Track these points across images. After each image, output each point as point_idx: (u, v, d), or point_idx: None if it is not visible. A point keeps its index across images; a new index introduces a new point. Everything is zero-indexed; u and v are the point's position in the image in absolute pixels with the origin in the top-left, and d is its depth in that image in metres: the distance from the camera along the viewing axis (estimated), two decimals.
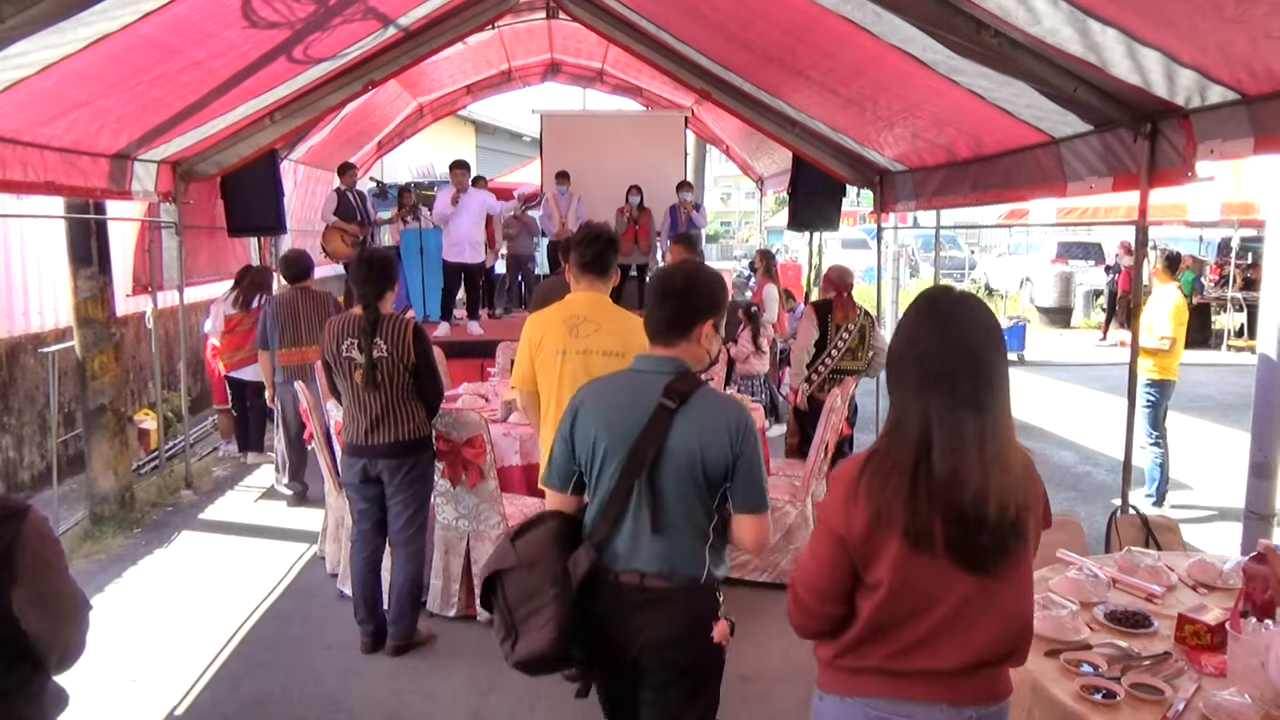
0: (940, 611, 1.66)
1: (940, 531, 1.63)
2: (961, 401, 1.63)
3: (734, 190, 40.82)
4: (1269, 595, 2.12)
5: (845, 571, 1.72)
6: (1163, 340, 5.82)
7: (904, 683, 1.71)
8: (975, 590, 1.66)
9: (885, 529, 1.65)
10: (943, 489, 1.62)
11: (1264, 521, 4.36)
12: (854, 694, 1.75)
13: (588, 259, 3.54)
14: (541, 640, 2.13)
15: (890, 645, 1.70)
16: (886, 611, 1.69)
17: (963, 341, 1.66)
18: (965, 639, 1.67)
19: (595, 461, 2.19)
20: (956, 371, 1.64)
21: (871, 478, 1.68)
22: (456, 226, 8.36)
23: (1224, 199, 10.41)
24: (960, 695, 1.70)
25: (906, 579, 1.66)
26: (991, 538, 1.63)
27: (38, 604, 1.60)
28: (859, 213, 18.94)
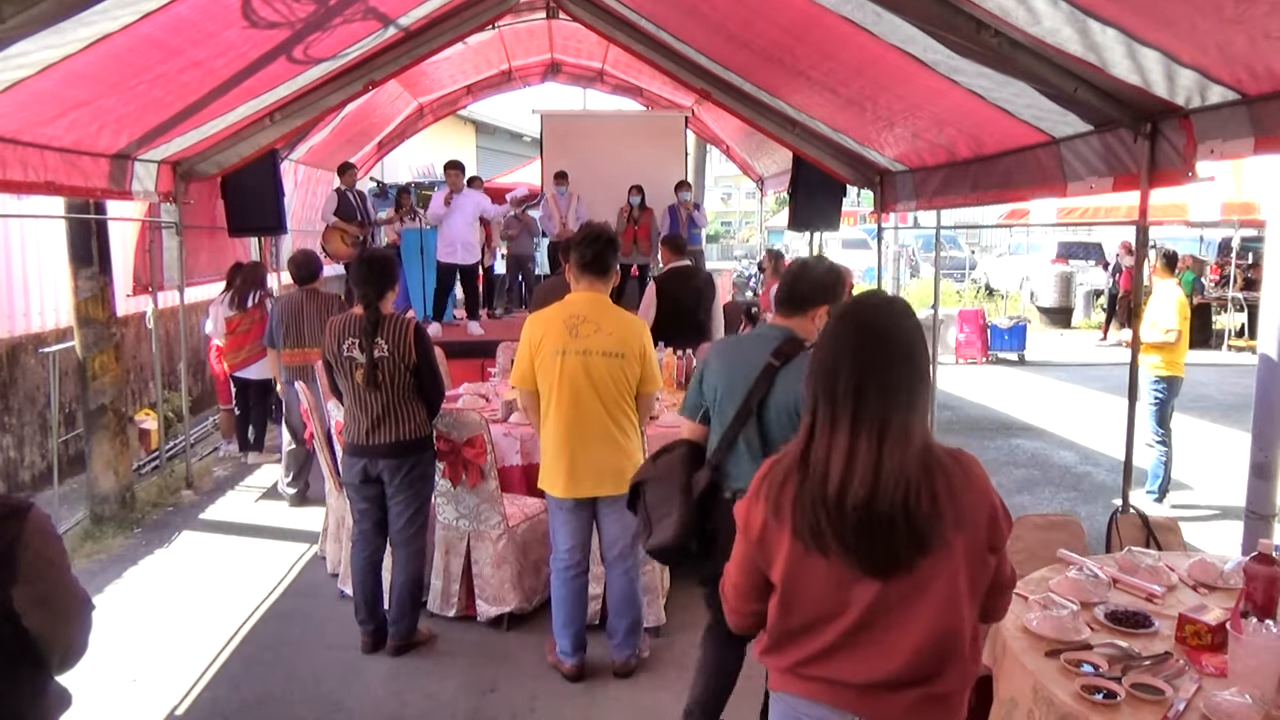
0: (843, 621, 1.64)
1: (830, 532, 1.62)
2: (844, 399, 1.63)
3: (734, 190, 40.84)
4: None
5: (753, 569, 1.75)
6: (1168, 333, 5.83)
7: (818, 686, 1.70)
8: (881, 600, 1.62)
9: (778, 526, 1.68)
10: (815, 481, 1.63)
11: (1264, 521, 4.36)
12: (778, 690, 1.78)
13: (588, 259, 3.55)
14: (668, 535, 2.77)
15: (797, 651, 1.71)
16: (786, 615, 1.70)
17: (853, 342, 1.67)
18: (876, 654, 1.63)
19: (717, 401, 2.81)
20: (838, 371, 1.65)
21: (770, 476, 1.72)
22: (450, 227, 8.35)
23: (1224, 199, 10.41)
24: (877, 711, 1.65)
25: (800, 580, 1.67)
26: (873, 534, 1.59)
27: (40, 602, 1.60)
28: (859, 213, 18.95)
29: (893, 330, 1.69)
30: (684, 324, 6.31)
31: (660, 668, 3.92)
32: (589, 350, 3.47)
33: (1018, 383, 11.34)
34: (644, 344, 3.55)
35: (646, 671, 3.88)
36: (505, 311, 10.65)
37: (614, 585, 3.78)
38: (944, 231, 8.09)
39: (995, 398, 10.27)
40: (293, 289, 6.08)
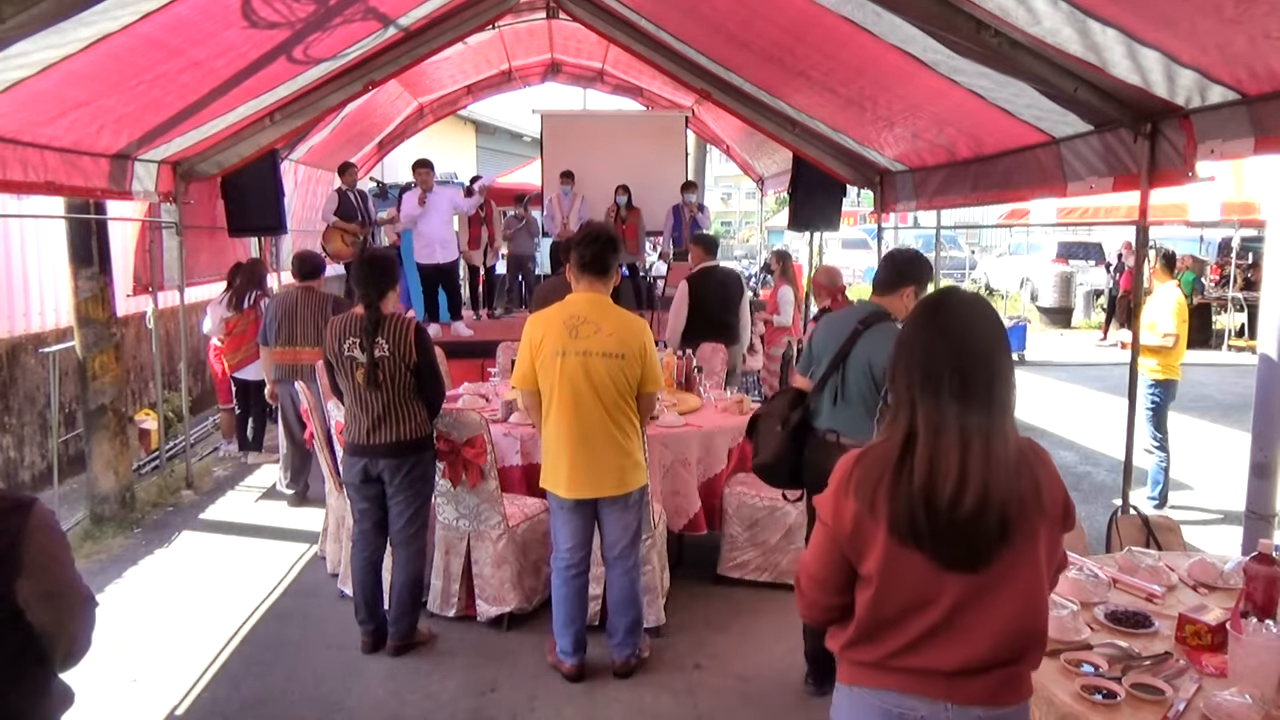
0: (934, 612, 1.67)
1: (930, 532, 1.64)
2: (948, 400, 1.66)
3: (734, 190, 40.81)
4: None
5: (838, 562, 1.75)
6: (1166, 337, 5.81)
7: (907, 678, 1.71)
8: (969, 591, 1.66)
9: (872, 522, 1.68)
10: (921, 484, 1.64)
11: (1264, 521, 4.35)
12: (863, 684, 1.77)
13: (587, 259, 3.55)
14: (765, 456, 3.57)
15: (888, 643, 1.71)
16: (879, 608, 1.70)
17: (951, 343, 1.70)
18: (963, 640, 1.67)
19: (818, 359, 3.50)
20: (942, 372, 1.67)
21: (863, 471, 1.71)
22: (427, 226, 8.28)
23: (1224, 199, 10.40)
24: (964, 695, 1.69)
25: (895, 574, 1.67)
26: (971, 538, 1.63)
27: (43, 597, 1.60)
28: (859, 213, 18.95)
29: (984, 325, 1.73)
30: (712, 324, 6.34)
31: (660, 668, 3.92)
32: (589, 351, 3.47)
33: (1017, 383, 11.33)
34: (644, 344, 3.55)
35: (646, 671, 3.88)
36: (505, 311, 10.64)
37: (614, 585, 3.78)
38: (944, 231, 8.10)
39: None
40: (293, 286, 6.08)
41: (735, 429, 4.85)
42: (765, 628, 4.33)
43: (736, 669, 3.96)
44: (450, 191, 8.88)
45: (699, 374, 5.67)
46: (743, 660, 4.02)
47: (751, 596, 4.64)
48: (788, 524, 4.65)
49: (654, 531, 4.19)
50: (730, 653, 4.09)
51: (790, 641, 4.19)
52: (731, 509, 4.70)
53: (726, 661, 4.01)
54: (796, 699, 3.71)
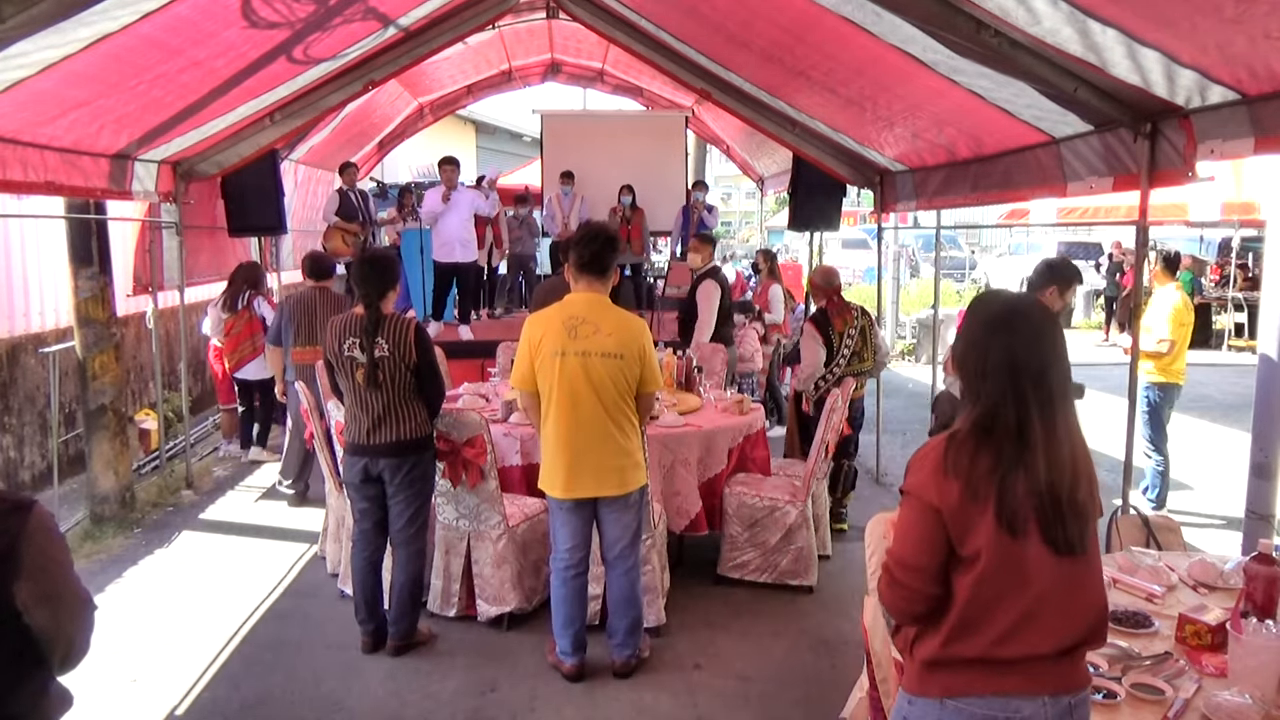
0: (1033, 590, 1.72)
1: (1033, 517, 1.72)
2: (1051, 396, 1.77)
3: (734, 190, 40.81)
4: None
5: (941, 544, 1.77)
6: (1160, 343, 5.78)
7: (1008, 675, 1.73)
8: (1060, 569, 1.73)
9: (977, 504, 1.73)
10: (1046, 477, 1.72)
11: (1264, 521, 4.36)
12: (955, 694, 1.76)
13: (585, 259, 3.54)
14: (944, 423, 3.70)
15: (992, 629, 1.73)
16: (986, 586, 1.73)
17: (1048, 341, 1.82)
18: (1059, 619, 1.73)
19: None
20: (1046, 369, 1.78)
21: (958, 456, 1.76)
22: (446, 225, 8.20)
23: (1224, 199, 10.39)
24: (1057, 683, 1.75)
25: (1000, 556, 1.72)
26: (1080, 523, 1.74)
27: (42, 599, 1.60)
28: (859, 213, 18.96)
29: (1054, 327, 1.86)
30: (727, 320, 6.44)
31: (660, 668, 3.92)
32: (588, 351, 3.47)
33: None
34: (644, 344, 3.55)
35: (646, 671, 3.88)
36: (505, 311, 10.63)
37: (614, 585, 3.78)
38: (944, 231, 8.09)
39: None
40: (304, 286, 6.08)
41: (735, 429, 4.85)
42: (765, 628, 4.33)
43: (736, 669, 3.96)
44: (473, 192, 8.83)
45: (699, 374, 5.67)
46: (743, 660, 4.02)
47: (751, 596, 4.64)
48: (788, 524, 4.65)
49: (654, 531, 4.19)
50: (730, 653, 4.09)
51: (790, 641, 4.20)
52: (731, 509, 4.69)
53: (726, 661, 4.01)
54: (797, 699, 3.71)
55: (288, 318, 5.86)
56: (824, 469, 4.99)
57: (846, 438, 5.46)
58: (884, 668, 2.49)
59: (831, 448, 4.95)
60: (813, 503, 4.80)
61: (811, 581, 4.70)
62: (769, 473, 5.10)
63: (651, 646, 4.02)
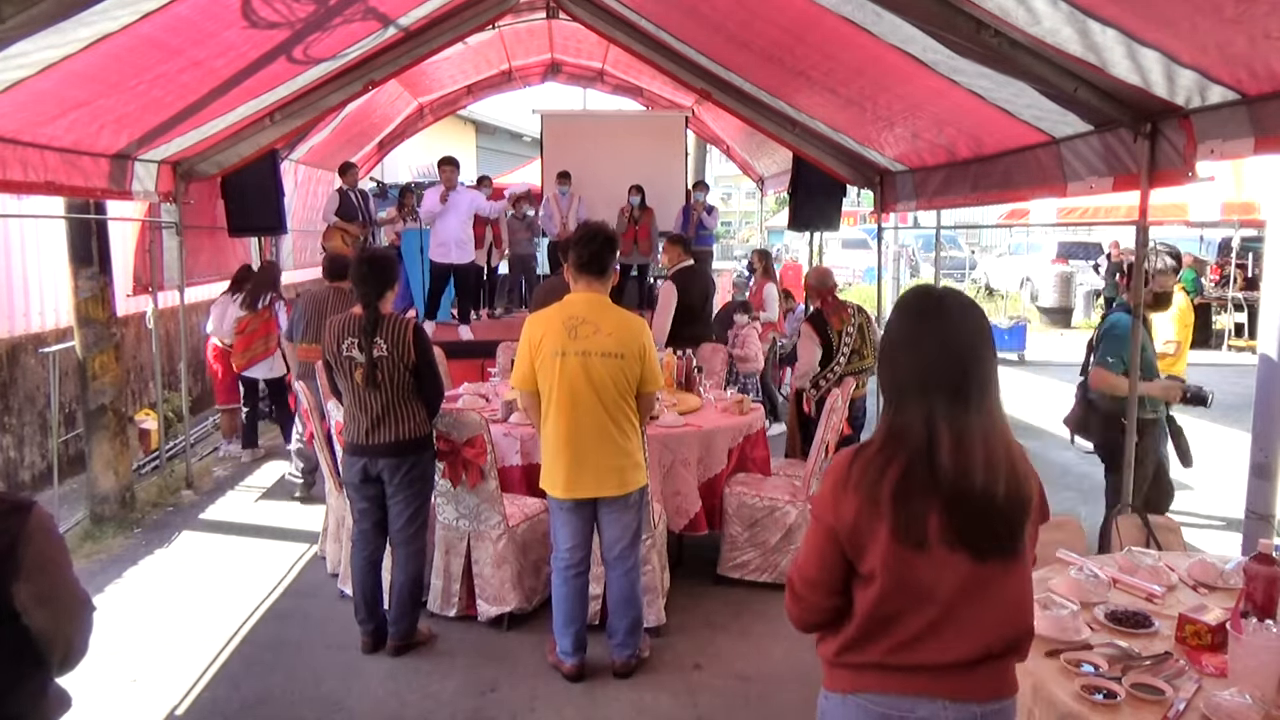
0: (938, 602, 1.67)
1: (936, 524, 1.65)
2: (962, 399, 1.68)
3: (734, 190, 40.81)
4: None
5: (837, 561, 1.74)
6: (1167, 344, 5.78)
7: (906, 678, 1.71)
8: (971, 580, 1.67)
9: (874, 519, 1.68)
10: (950, 483, 1.65)
11: (1264, 521, 4.36)
12: (856, 690, 1.76)
13: (584, 259, 3.55)
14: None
15: (890, 639, 1.70)
16: (885, 604, 1.69)
17: (959, 341, 1.72)
18: (965, 630, 1.68)
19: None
20: (954, 370, 1.69)
21: (862, 469, 1.71)
22: (444, 226, 8.15)
23: (1224, 199, 10.39)
24: (963, 690, 1.70)
25: (900, 569, 1.67)
26: (1002, 525, 1.67)
27: (41, 600, 1.60)
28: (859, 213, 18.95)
29: (973, 318, 1.75)
30: (695, 322, 6.36)
31: (660, 668, 3.92)
32: (588, 351, 3.47)
33: (1018, 383, 11.33)
34: (644, 344, 3.55)
35: (646, 671, 3.88)
36: (506, 311, 10.63)
37: (614, 585, 3.77)
38: (944, 231, 8.10)
39: None
40: (319, 285, 6.09)
41: (735, 429, 4.85)
42: (765, 628, 4.33)
43: (736, 669, 3.96)
44: (473, 193, 8.80)
45: (699, 374, 5.67)
46: (743, 660, 4.02)
47: (751, 596, 4.64)
48: (788, 524, 4.65)
49: (654, 531, 4.19)
50: (730, 653, 4.09)
51: (790, 641, 4.19)
52: (731, 509, 4.69)
53: (726, 661, 4.01)
54: (796, 699, 3.71)
55: (300, 314, 5.88)
56: (824, 469, 4.98)
57: (847, 437, 5.46)
58: None
59: (832, 448, 4.95)
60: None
61: None
62: (769, 473, 5.10)
63: (651, 646, 4.02)
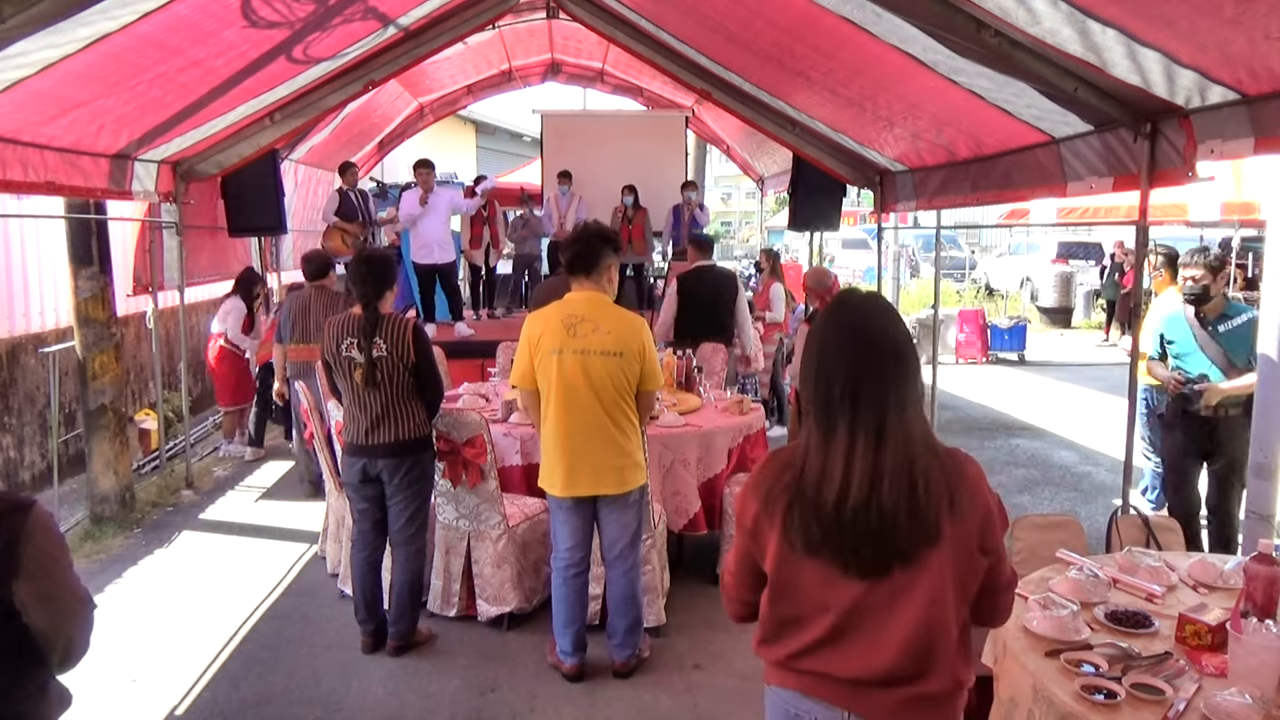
0: (832, 614, 1.65)
1: (818, 536, 1.63)
2: (863, 403, 1.63)
3: (734, 190, 40.83)
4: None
5: (747, 558, 1.78)
6: None
7: (809, 680, 1.71)
8: (867, 599, 1.62)
9: (768, 523, 1.69)
10: (813, 491, 1.64)
11: (1264, 521, 4.35)
12: (772, 683, 1.80)
13: (569, 258, 3.60)
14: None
15: (790, 643, 1.71)
16: (777, 606, 1.71)
17: (848, 345, 1.67)
18: (862, 650, 1.64)
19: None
20: (835, 375, 1.66)
21: (766, 473, 1.73)
22: (426, 228, 8.25)
23: (1224, 199, 10.38)
24: (866, 708, 1.65)
25: (788, 576, 1.68)
26: (864, 541, 1.60)
27: (41, 599, 1.61)
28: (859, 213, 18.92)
29: (877, 329, 1.68)
30: (704, 322, 6.35)
31: (660, 668, 3.92)
32: (587, 349, 3.47)
33: (1018, 383, 11.34)
34: (643, 342, 3.55)
35: (646, 671, 3.88)
36: (506, 311, 10.64)
37: (614, 585, 3.77)
38: (944, 231, 8.09)
39: (995, 398, 10.27)
40: (306, 285, 6.09)
41: (735, 429, 4.85)
42: None
43: (736, 669, 3.96)
44: (450, 192, 8.88)
45: (699, 374, 5.67)
46: (743, 660, 4.02)
47: None
48: None
49: (654, 531, 4.19)
50: (730, 653, 4.09)
51: None
52: (731, 509, 4.69)
53: (726, 661, 4.01)
54: None
55: (286, 315, 5.89)
56: None
57: None
58: None
59: None
60: None
61: None
62: None
63: (651, 646, 4.02)
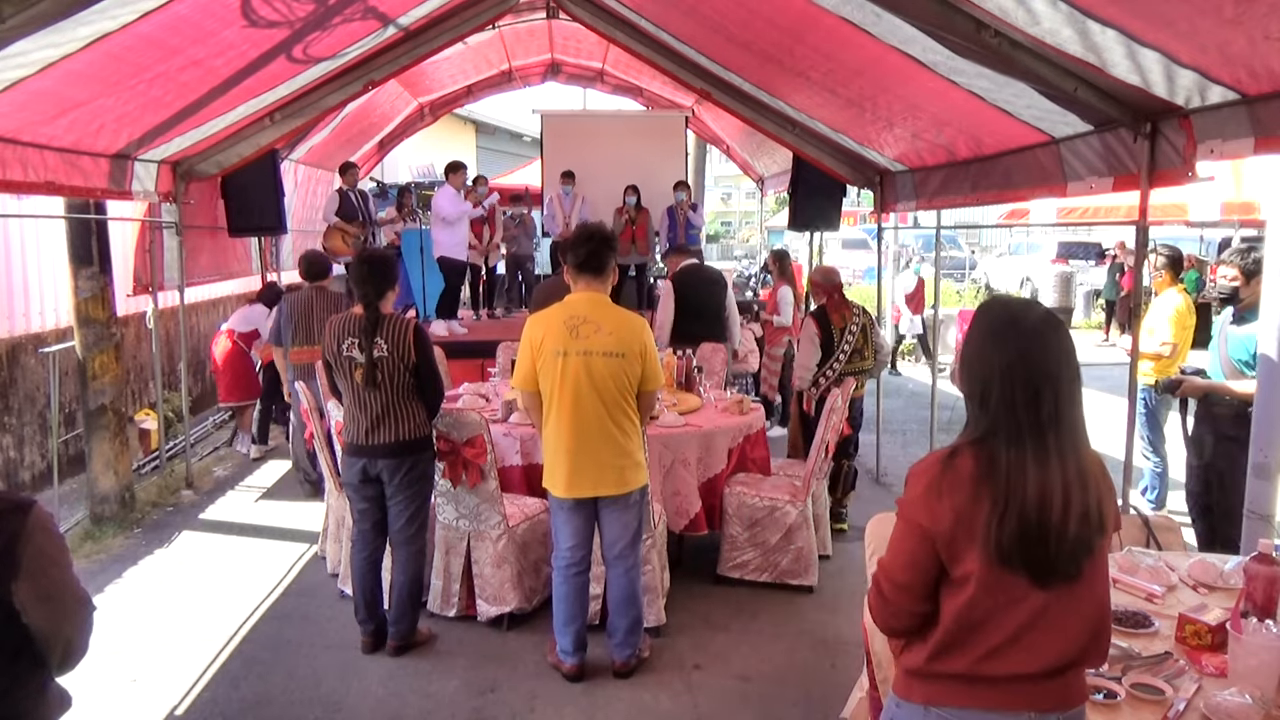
0: (1023, 613, 1.68)
1: (1019, 547, 1.65)
2: (1049, 414, 1.66)
3: (734, 190, 40.84)
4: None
5: (929, 565, 1.73)
6: (1164, 346, 5.76)
7: (990, 691, 1.71)
8: (1054, 596, 1.68)
9: (968, 529, 1.68)
10: (1035, 512, 1.64)
11: (1264, 521, 4.35)
12: (938, 703, 1.75)
13: (581, 258, 3.56)
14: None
15: (979, 647, 1.70)
16: (975, 610, 1.69)
17: (1049, 361, 1.69)
18: (1051, 639, 1.68)
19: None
20: (1044, 385, 1.67)
21: (955, 478, 1.70)
22: (463, 225, 8.53)
23: (1224, 199, 10.37)
24: (1044, 700, 1.71)
25: (993, 580, 1.68)
26: (1070, 556, 1.66)
27: (40, 599, 1.60)
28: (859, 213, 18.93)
29: (1058, 336, 1.71)
30: (703, 321, 6.36)
31: (660, 668, 3.92)
32: (590, 350, 3.47)
33: None
34: (645, 343, 3.55)
35: (646, 671, 3.88)
36: (505, 311, 10.64)
37: (614, 585, 3.78)
38: (944, 231, 8.09)
39: None
40: (305, 286, 6.08)
41: (735, 429, 4.85)
42: (765, 628, 4.33)
43: (736, 669, 3.96)
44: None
45: (699, 374, 5.67)
46: (743, 660, 4.02)
47: (751, 596, 4.64)
48: (788, 524, 4.65)
49: (654, 531, 4.19)
50: (730, 653, 4.09)
51: (790, 642, 4.19)
52: (731, 509, 4.69)
53: (726, 661, 4.01)
54: (796, 699, 3.71)
55: (286, 318, 5.87)
56: (824, 469, 4.99)
57: (846, 438, 5.46)
58: (884, 668, 2.49)
59: (831, 447, 4.95)
60: (813, 503, 4.80)
61: (811, 581, 4.70)
62: (769, 473, 5.10)
63: (651, 646, 4.02)
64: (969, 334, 1.79)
